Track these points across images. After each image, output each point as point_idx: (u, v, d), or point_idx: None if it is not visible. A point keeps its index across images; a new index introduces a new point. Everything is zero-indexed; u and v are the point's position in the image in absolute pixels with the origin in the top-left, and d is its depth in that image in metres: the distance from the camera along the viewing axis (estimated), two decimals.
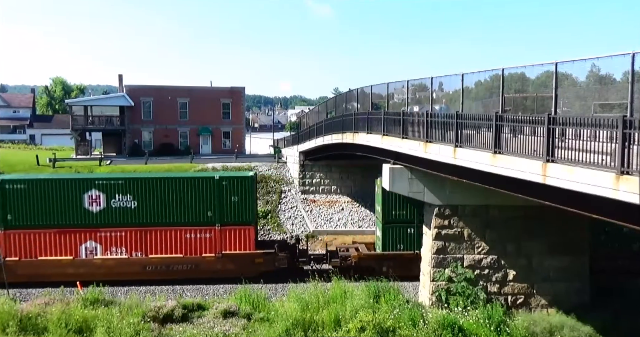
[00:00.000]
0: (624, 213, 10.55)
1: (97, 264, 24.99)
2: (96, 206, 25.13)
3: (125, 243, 25.30)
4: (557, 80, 13.22)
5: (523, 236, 20.48)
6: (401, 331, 18.19)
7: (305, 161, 38.21)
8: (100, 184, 25.15)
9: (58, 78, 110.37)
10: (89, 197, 25.08)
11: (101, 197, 25.10)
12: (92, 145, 58.39)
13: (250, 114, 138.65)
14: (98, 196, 25.11)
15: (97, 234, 25.23)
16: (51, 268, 24.55)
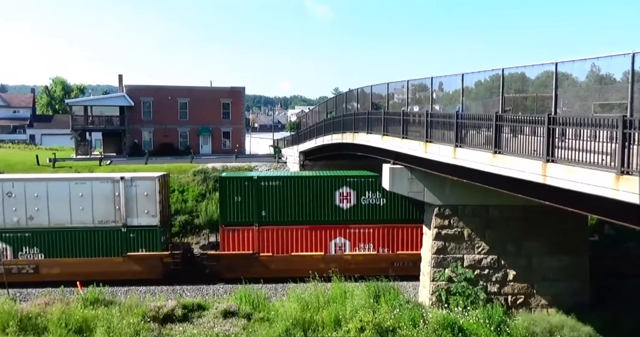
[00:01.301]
0: (624, 213, 10.55)
1: (347, 260, 25.43)
2: (346, 203, 25.73)
3: (372, 239, 25.71)
4: (557, 80, 13.23)
5: (523, 236, 20.48)
6: (401, 331, 18.19)
7: (305, 161, 38.19)
8: (351, 182, 25.73)
9: (58, 78, 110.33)
10: (339, 194, 25.68)
11: (352, 195, 25.71)
12: (92, 145, 58.41)
13: (250, 114, 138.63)
14: (349, 193, 25.73)
15: (347, 230, 25.81)
16: (303, 263, 24.89)
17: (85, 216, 25.23)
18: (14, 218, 25.07)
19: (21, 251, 25.13)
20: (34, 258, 25.17)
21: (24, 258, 25.11)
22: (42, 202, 25.06)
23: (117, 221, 25.34)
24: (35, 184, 25.32)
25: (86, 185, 25.33)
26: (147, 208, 25.42)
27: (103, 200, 25.27)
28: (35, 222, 25.14)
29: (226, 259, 25.34)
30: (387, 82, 24.96)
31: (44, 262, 25.06)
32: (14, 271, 24.81)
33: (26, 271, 25.03)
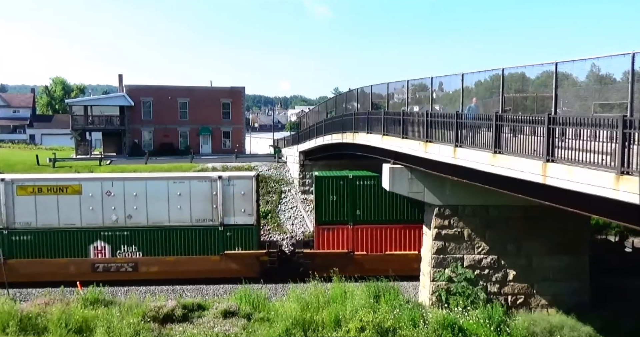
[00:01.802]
0: (624, 213, 10.55)
1: None
2: None
3: None
4: (557, 80, 13.23)
5: (523, 236, 20.47)
6: (401, 331, 18.20)
7: (305, 161, 38.18)
8: None
9: (58, 78, 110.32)
10: None
11: None
12: (92, 145, 58.40)
13: (250, 114, 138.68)
14: None
15: None
16: (397, 263, 24.99)
17: (183, 215, 25.55)
18: (112, 217, 25.42)
19: (119, 249, 25.48)
20: (132, 256, 25.48)
21: (122, 256, 25.44)
22: (140, 200, 25.37)
23: (214, 219, 25.63)
24: (135, 182, 25.70)
25: (184, 184, 25.64)
26: (244, 207, 25.70)
27: (201, 199, 25.56)
28: (133, 221, 25.49)
29: (321, 258, 25.53)
30: (387, 82, 24.96)
31: (143, 260, 25.42)
32: (112, 269, 25.28)
33: (125, 269, 25.44)
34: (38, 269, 24.72)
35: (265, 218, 34.14)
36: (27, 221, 25.14)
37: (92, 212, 25.29)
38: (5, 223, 25.07)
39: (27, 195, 25.12)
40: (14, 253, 25.07)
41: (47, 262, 25.04)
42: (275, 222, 34.15)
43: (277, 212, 35.23)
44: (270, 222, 34.01)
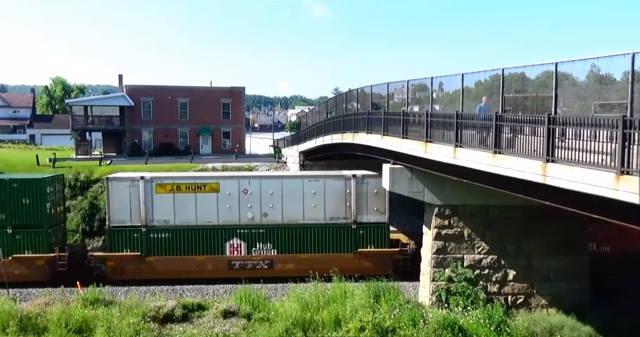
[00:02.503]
0: (624, 213, 10.56)
1: None
2: None
3: None
4: (557, 80, 13.23)
5: (523, 236, 20.47)
6: (401, 331, 18.19)
7: (305, 161, 38.20)
8: None
9: (58, 78, 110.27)
10: None
11: None
12: (92, 145, 58.41)
13: (250, 114, 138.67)
14: None
15: None
16: None
17: (317, 213, 25.92)
18: (249, 215, 25.83)
19: (255, 247, 25.85)
20: (268, 254, 25.82)
21: (258, 254, 25.79)
22: (276, 199, 25.76)
23: (347, 217, 25.94)
24: (271, 181, 26.16)
25: (319, 182, 26.03)
26: (377, 205, 25.93)
27: (335, 197, 25.94)
28: (269, 219, 25.94)
29: None
30: (387, 82, 24.97)
31: (279, 257, 25.72)
32: (248, 266, 25.70)
33: (261, 266, 25.77)
34: (176, 266, 25.21)
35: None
36: (165, 219, 25.70)
37: (229, 210, 25.83)
38: (144, 221, 25.59)
39: (165, 193, 25.68)
40: (152, 250, 25.62)
41: (185, 259, 25.59)
42: None
43: None
44: None
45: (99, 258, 25.88)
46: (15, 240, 25.16)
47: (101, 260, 25.77)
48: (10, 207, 25.18)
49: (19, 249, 25.23)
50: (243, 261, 25.72)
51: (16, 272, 24.73)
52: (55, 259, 25.30)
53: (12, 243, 25.14)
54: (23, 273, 24.85)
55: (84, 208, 32.73)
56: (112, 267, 25.38)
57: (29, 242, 25.27)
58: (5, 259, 24.53)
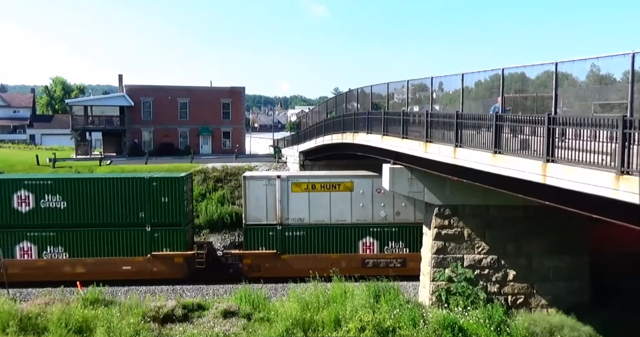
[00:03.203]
0: (624, 213, 10.55)
1: None
2: None
3: None
4: (557, 80, 13.21)
5: (523, 236, 20.47)
6: (401, 331, 18.18)
7: (305, 161, 38.18)
8: None
9: (58, 78, 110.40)
10: None
11: None
12: (92, 145, 58.42)
13: (250, 114, 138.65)
14: None
15: None
16: None
17: None
18: (381, 213, 26.09)
19: (387, 245, 26.27)
20: (400, 252, 26.16)
21: (390, 252, 26.12)
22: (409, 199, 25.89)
23: None
24: None
25: None
26: None
27: None
28: (401, 217, 26.18)
29: None
30: (387, 82, 24.95)
31: (411, 256, 25.86)
32: (382, 264, 26.02)
33: (394, 264, 26.07)
34: (311, 264, 25.29)
35: None
36: (300, 217, 26.09)
37: (362, 209, 26.20)
38: (279, 219, 25.99)
39: (300, 192, 26.08)
40: (287, 248, 26.06)
41: (319, 257, 25.88)
42: None
43: None
44: None
45: (235, 256, 26.43)
46: (153, 238, 25.59)
47: (238, 258, 26.27)
48: (149, 205, 25.53)
49: (158, 247, 25.63)
50: (376, 259, 26.11)
51: (155, 269, 25.45)
52: (194, 257, 25.73)
53: (150, 241, 25.56)
54: (162, 271, 25.46)
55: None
56: (248, 264, 25.88)
57: (167, 240, 25.68)
58: (144, 257, 25.36)
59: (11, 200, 25.15)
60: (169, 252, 25.58)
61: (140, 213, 25.50)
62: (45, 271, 24.84)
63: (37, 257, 25.31)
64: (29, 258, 25.29)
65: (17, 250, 25.31)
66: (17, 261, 25.17)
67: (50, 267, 25.11)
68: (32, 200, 25.21)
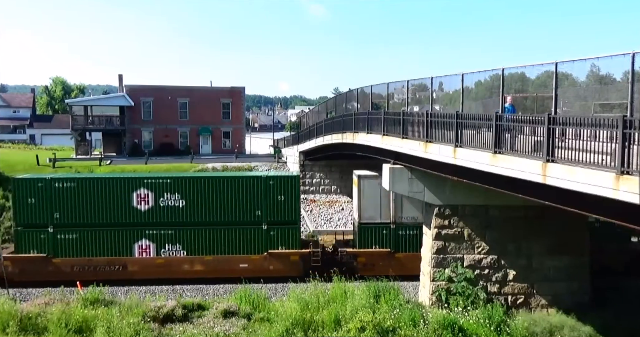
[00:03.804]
0: (624, 213, 10.55)
1: None
2: None
3: None
4: (557, 80, 13.22)
5: (523, 236, 20.46)
6: (401, 331, 18.17)
7: (305, 161, 38.22)
8: None
9: (58, 78, 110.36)
10: None
11: None
12: (92, 145, 58.43)
13: (250, 114, 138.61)
14: None
15: None
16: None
17: None
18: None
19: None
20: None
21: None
22: None
23: None
24: None
25: None
26: None
27: None
28: None
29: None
30: (387, 82, 24.97)
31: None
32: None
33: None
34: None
35: None
36: (414, 216, 25.95)
37: None
38: (393, 218, 26.05)
39: None
40: (400, 247, 26.12)
41: None
42: None
43: None
44: None
45: (350, 254, 26.48)
46: (270, 236, 25.77)
47: (352, 256, 26.35)
48: (266, 204, 25.69)
49: (274, 245, 25.80)
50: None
51: (271, 267, 25.62)
52: (310, 255, 25.87)
53: (267, 239, 25.74)
54: (278, 268, 25.59)
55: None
56: (362, 262, 25.95)
57: (282, 238, 25.85)
58: (260, 255, 25.54)
59: (131, 198, 25.43)
60: (285, 250, 25.77)
61: (257, 212, 25.68)
62: (165, 268, 25.10)
63: (155, 255, 25.62)
64: (148, 256, 25.61)
65: (136, 248, 25.58)
66: (136, 259, 25.51)
67: (169, 264, 25.38)
68: (152, 198, 25.49)
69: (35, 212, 25.12)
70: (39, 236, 25.19)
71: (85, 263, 25.13)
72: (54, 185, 25.16)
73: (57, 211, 25.19)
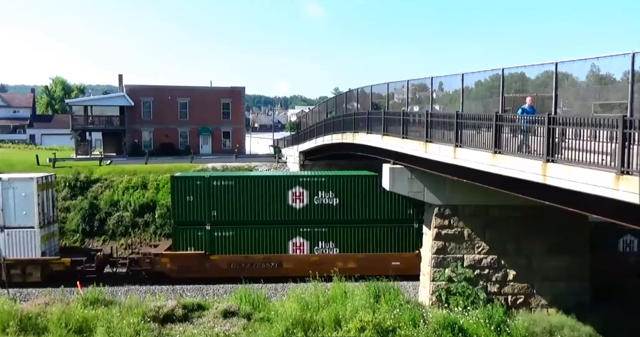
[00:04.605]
0: (624, 213, 10.55)
1: None
2: None
3: None
4: (557, 80, 13.21)
5: (523, 236, 20.46)
6: (401, 331, 18.17)
7: (305, 161, 38.18)
8: None
9: (58, 78, 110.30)
10: None
11: None
12: (92, 145, 58.41)
13: (250, 114, 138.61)
14: None
15: None
16: None
17: None
18: None
19: None
20: None
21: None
22: None
23: None
24: None
25: None
26: None
27: None
28: None
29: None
30: (387, 82, 24.94)
31: None
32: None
33: None
34: None
35: None
36: None
37: None
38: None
39: None
40: None
41: None
42: None
43: None
44: None
45: None
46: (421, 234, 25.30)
47: None
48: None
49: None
50: None
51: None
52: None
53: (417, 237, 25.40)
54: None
55: (84, 208, 32.92)
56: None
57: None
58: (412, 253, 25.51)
59: (286, 197, 25.86)
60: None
61: (409, 210, 25.82)
62: (318, 266, 25.04)
63: (309, 252, 25.95)
64: (302, 253, 25.92)
65: (290, 245, 26.01)
66: (291, 256, 25.92)
67: (323, 262, 25.44)
68: (306, 197, 25.92)
69: (193, 210, 25.66)
70: (197, 233, 25.72)
71: (242, 260, 25.66)
72: (212, 183, 25.72)
73: (214, 209, 25.71)
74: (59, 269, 25.30)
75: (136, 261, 25.84)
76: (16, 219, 25.27)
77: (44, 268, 25.12)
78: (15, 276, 24.74)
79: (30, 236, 25.34)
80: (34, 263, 25.05)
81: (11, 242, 25.26)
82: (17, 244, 25.30)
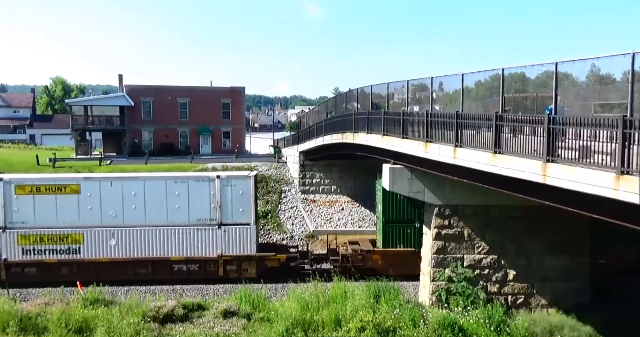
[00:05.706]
0: (624, 213, 10.55)
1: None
2: None
3: None
4: (557, 80, 13.20)
5: (523, 236, 20.47)
6: (401, 331, 18.19)
7: (305, 161, 38.18)
8: None
9: (58, 78, 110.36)
10: None
11: None
12: (92, 145, 58.43)
13: (250, 114, 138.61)
14: None
15: None
16: None
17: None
18: None
19: None
20: None
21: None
22: None
23: None
24: None
25: None
26: None
27: None
28: None
29: None
30: (387, 82, 24.94)
31: None
32: None
33: None
34: None
35: (265, 218, 34.17)
36: None
37: None
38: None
39: None
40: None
41: None
42: (275, 222, 34.17)
43: (277, 212, 35.26)
44: (270, 222, 34.04)
45: None
46: None
47: None
48: None
49: None
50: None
51: None
52: None
53: None
54: None
55: None
56: None
57: None
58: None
59: None
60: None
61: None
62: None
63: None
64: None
65: None
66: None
67: None
68: None
69: (402, 209, 25.95)
70: (406, 231, 25.95)
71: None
72: None
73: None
74: (273, 266, 25.81)
75: (348, 258, 26.23)
76: (233, 216, 25.68)
77: (259, 264, 25.65)
78: (232, 272, 25.47)
79: (247, 232, 25.83)
80: (250, 259, 25.61)
81: (228, 238, 25.72)
82: (234, 241, 25.77)
